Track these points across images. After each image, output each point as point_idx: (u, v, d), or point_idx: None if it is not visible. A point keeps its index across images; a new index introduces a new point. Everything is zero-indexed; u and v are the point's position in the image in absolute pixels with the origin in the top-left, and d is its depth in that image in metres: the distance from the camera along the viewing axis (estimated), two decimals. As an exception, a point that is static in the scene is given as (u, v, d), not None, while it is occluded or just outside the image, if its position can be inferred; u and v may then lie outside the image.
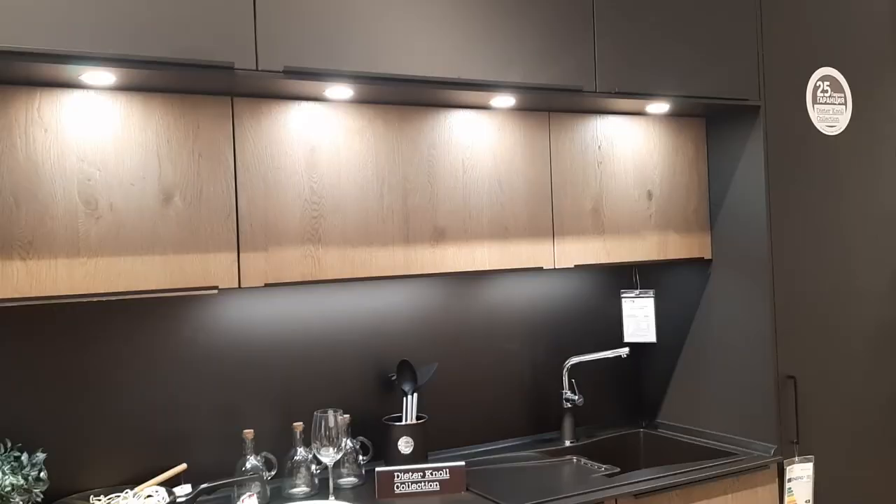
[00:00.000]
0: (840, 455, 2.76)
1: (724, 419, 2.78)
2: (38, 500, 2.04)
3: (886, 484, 2.87)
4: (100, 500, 2.14)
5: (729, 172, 2.76)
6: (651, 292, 2.95)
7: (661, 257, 2.74)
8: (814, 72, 2.78)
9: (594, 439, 2.88)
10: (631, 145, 2.69)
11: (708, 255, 2.83)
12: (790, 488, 2.61)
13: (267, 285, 2.10)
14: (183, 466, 2.28)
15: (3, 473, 1.97)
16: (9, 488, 1.96)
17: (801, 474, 2.62)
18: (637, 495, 2.31)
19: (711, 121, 2.84)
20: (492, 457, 2.68)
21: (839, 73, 2.83)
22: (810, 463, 2.64)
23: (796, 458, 2.62)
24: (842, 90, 2.84)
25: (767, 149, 2.64)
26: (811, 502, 2.64)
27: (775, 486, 2.59)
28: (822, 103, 2.79)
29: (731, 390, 2.76)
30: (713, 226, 2.83)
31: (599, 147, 2.63)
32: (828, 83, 2.81)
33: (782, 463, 2.59)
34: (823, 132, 2.79)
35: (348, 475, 2.44)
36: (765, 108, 2.66)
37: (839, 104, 2.83)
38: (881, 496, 2.85)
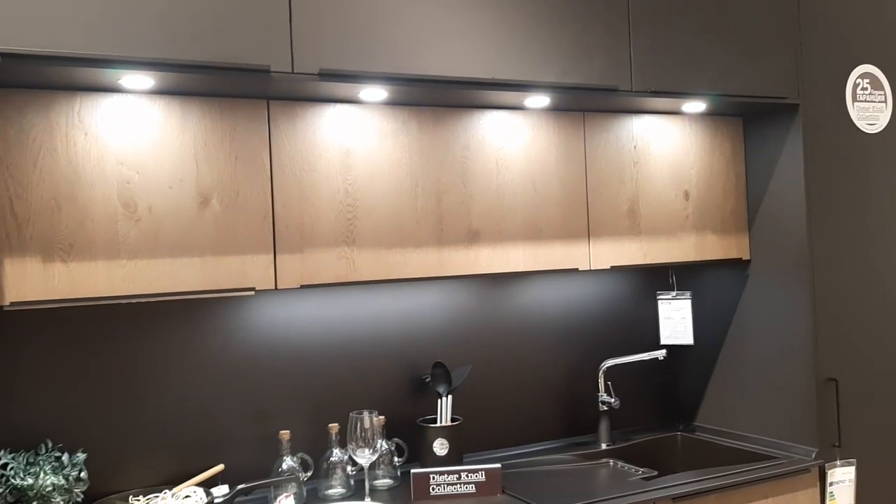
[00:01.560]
0: (883, 459, 2.70)
1: (763, 422, 2.73)
2: (79, 500, 2.06)
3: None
4: (139, 500, 2.17)
5: (767, 172, 2.72)
6: (688, 294, 2.92)
7: (699, 258, 2.70)
8: (853, 69, 2.73)
9: (630, 442, 2.85)
10: (667, 145, 2.67)
11: (746, 256, 2.79)
12: (832, 493, 2.56)
13: (303, 286, 2.11)
14: (220, 467, 2.29)
15: (45, 473, 2.00)
16: (50, 488, 1.99)
17: (842, 478, 2.57)
18: (675, 499, 2.28)
19: (749, 120, 2.80)
20: (527, 459, 2.66)
21: (879, 71, 2.78)
22: (852, 467, 2.59)
23: (838, 462, 2.57)
24: (882, 88, 2.78)
25: (806, 148, 2.60)
26: (854, 507, 2.59)
27: (816, 490, 2.54)
28: (861, 101, 2.74)
29: (770, 393, 2.71)
30: (751, 226, 2.79)
31: (635, 147, 2.60)
32: (868, 80, 2.76)
33: (824, 467, 2.55)
34: (863, 130, 2.74)
35: (384, 476, 2.44)
36: (803, 106, 2.62)
37: (879, 102, 2.78)
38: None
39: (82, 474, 2.07)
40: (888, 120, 2.79)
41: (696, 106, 2.58)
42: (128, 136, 1.94)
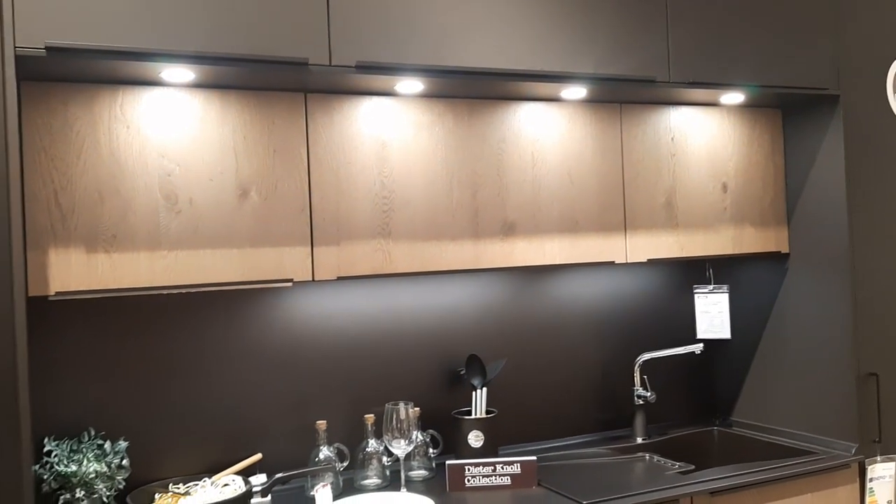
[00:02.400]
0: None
1: (801, 417, 2.70)
2: (121, 487, 2.10)
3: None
4: (178, 488, 2.20)
5: (807, 164, 2.69)
6: (725, 287, 2.89)
7: (737, 251, 2.68)
8: (894, 60, 2.68)
9: (666, 437, 2.83)
10: (705, 137, 2.64)
11: (785, 249, 2.75)
12: (871, 488, 2.52)
13: (339, 278, 2.13)
14: (258, 456, 2.32)
15: (88, 461, 2.04)
16: (93, 475, 2.03)
17: (882, 474, 2.53)
18: (713, 493, 2.27)
19: (788, 111, 2.76)
20: (562, 453, 2.66)
21: (922, 60, 2.72)
22: (893, 463, 2.54)
23: (878, 458, 2.53)
24: (926, 78, 2.73)
25: (847, 139, 2.56)
26: (894, 503, 2.55)
27: (856, 486, 2.51)
28: (905, 91, 2.69)
29: (809, 388, 2.68)
30: (790, 219, 2.76)
31: (672, 139, 2.58)
32: (911, 70, 2.70)
33: (863, 462, 2.51)
34: (907, 121, 2.69)
35: (419, 468, 2.45)
36: (843, 97, 2.57)
37: (923, 92, 2.72)
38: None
39: (124, 462, 2.11)
40: (932, 111, 2.73)
41: (734, 97, 2.56)
42: (169, 129, 1.96)
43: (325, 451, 2.34)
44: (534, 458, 2.35)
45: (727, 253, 2.66)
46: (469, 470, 2.33)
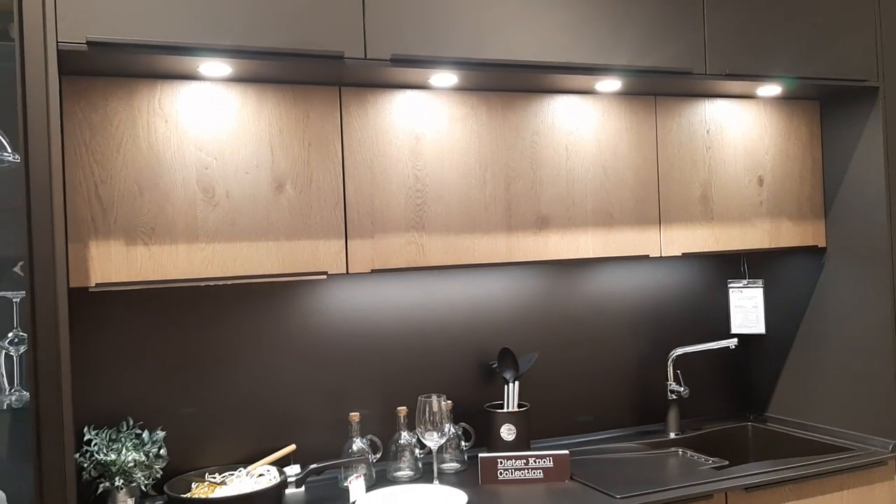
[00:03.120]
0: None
1: (838, 414, 2.67)
2: (158, 476, 2.13)
3: None
4: (214, 477, 2.23)
5: (845, 157, 2.65)
6: (760, 282, 2.86)
7: (773, 245, 2.65)
8: (939, 50, 2.63)
9: (700, 432, 2.81)
10: (741, 130, 2.61)
11: (822, 243, 2.72)
12: (912, 487, 2.48)
13: (373, 271, 2.14)
14: (292, 447, 2.34)
15: (127, 450, 2.07)
16: (131, 464, 2.06)
17: (923, 473, 2.49)
18: (748, 489, 2.25)
19: (826, 104, 2.72)
20: (594, 447, 2.65)
21: (967, 51, 2.67)
22: (934, 461, 2.51)
23: (918, 456, 2.49)
24: (970, 68, 2.67)
25: (886, 132, 2.52)
26: (935, 503, 2.51)
27: (893, 483, 2.47)
28: (947, 83, 2.63)
29: (846, 384, 2.64)
30: (827, 213, 2.72)
31: (708, 131, 2.56)
32: (954, 61, 2.65)
33: (903, 460, 2.48)
34: (949, 113, 2.63)
35: (451, 461, 2.46)
36: (884, 88, 2.53)
37: (967, 83, 2.67)
38: None
39: (161, 451, 2.14)
40: (975, 102, 2.67)
41: (771, 89, 2.52)
42: (206, 123, 1.98)
43: (358, 443, 2.36)
44: (566, 452, 2.35)
45: (763, 247, 2.63)
46: (501, 463, 2.33)
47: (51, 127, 1.62)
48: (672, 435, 2.78)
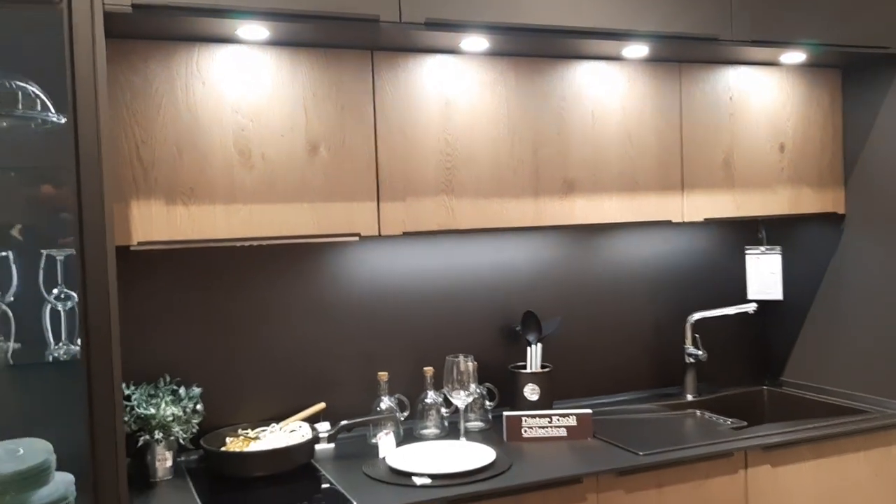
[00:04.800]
0: (980, 417, 2.66)
1: (855, 378, 2.72)
2: (195, 430, 2.19)
3: None
4: (247, 432, 2.29)
5: (867, 125, 2.67)
6: (777, 249, 2.90)
7: (793, 212, 2.68)
8: (962, 18, 2.64)
9: (717, 395, 2.87)
10: (763, 97, 2.64)
11: (841, 210, 2.75)
12: (926, 448, 2.54)
13: (405, 234, 2.18)
14: (322, 405, 2.40)
15: (166, 404, 2.13)
16: (170, 418, 2.12)
17: (938, 434, 2.55)
18: (767, 448, 2.31)
19: (848, 71, 2.74)
20: (614, 408, 2.71)
21: None
22: (948, 423, 2.56)
23: (933, 418, 2.55)
24: None
25: (910, 99, 2.55)
26: (948, 464, 2.57)
27: (910, 445, 2.53)
28: (969, 51, 2.65)
29: (863, 348, 2.69)
30: (847, 180, 2.75)
31: (731, 98, 2.58)
32: (976, 30, 2.66)
33: (918, 422, 2.53)
34: (971, 81, 2.65)
35: (475, 419, 2.52)
36: (907, 56, 2.55)
37: None
38: None
39: (198, 407, 2.20)
40: None
41: (795, 56, 2.54)
42: (242, 86, 2.02)
43: (386, 402, 2.42)
44: (589, 410, 2.41)
45: (784, 213, 2.67)
46: (526, 421, 2.39)
47: (99, 89, 1.65)
48: (689, 397, 2.83)
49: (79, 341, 1.85)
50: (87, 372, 1.68)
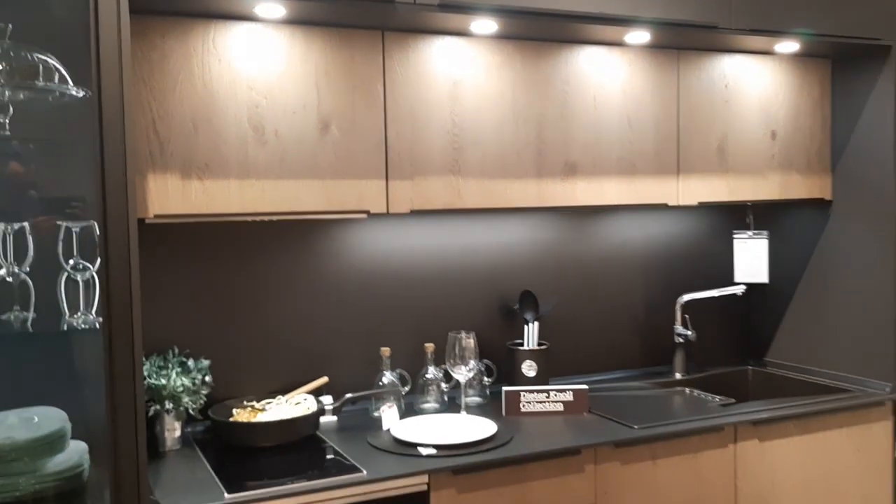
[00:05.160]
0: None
1: (838, 359, 2.82)
2: (202, 402, 2.24)
3: None
4: (253, 404, 2.34)
5: (855, 114, 2.76)
6: (764, 233, 2.99)
7: (783, 197, 2.77)
8: (947, 12, 2.73)
9: (704, 373, 2.96)
10: (756, 85, 2.71)
11: (828, 197, 2.85)
12: (904, 426, 2.65)
13: (413, 212, 2.23)
14: (325, 379, 2.45)
15: (177, 375, 2.17)
16: (180, 388, 2.17)
17: (916, 413, 2.66)
18: (756, 423, 2.40)
19: (837, 62, 2.83)
20: (606, 385, 2.79)
21: (973, 14, 2.77)
22: (926, 402, 2.68)
23: (912, 397, 2.66)
24: (975, 31, 2.78)
25: (898, 89, 2.64)
26: (925, 441, 2.69)
27: (890, 423, 2.64)
28: (954, 44, 2.74)
29: (846, 330, 2.80)
30: (835, 167, 2.84)
31: (726, 86, 2.66)
32: (961, 24, 2.75)
33: (898, 401, 2.64)
34: (955, 74, 2.75)
35: (474, 395, 2.59)
36: (896, 48, 2.64)
37: (971, 46, 2.78)
38: None
39: (207, 378, 2.24)
40: (980, 64, 2.79)
41: (789, 46, 2.62)
42: (256, 63, 2.05)
43: (388, 376, 2.48)
44: (585, 386, 2.49)
45: (774, 198, 2.76)
46: (524, 396, 2.46)
47: (123, 63, 1.67)
48: (678, 376, 2.93)
49: (94, 312, 1.89)
50: (109, 341, 1.71)
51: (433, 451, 2.09)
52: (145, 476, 1.74)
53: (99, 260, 1.84)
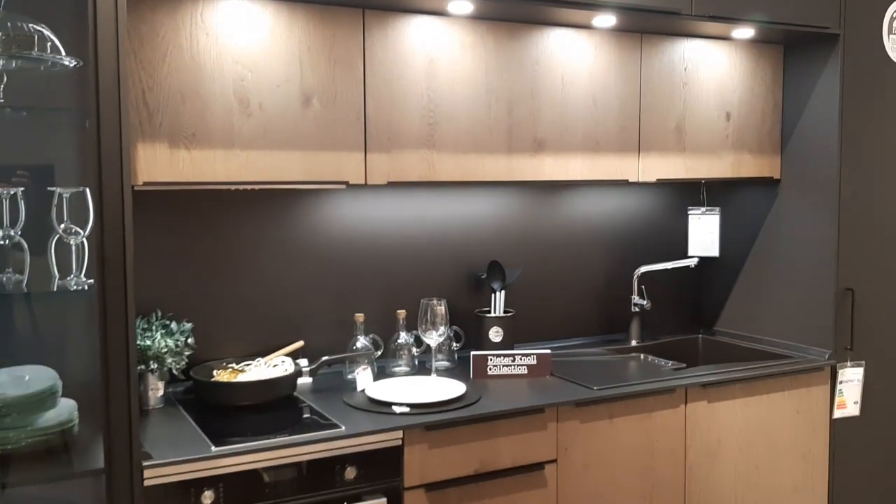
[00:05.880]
0: (890, 363, 3.00)
1: (781, 327, 3.02)
2: (185, 363, 2.33)
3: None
4: (233, 365, 2.44)
5: (804, 98, 2.93)
6: (717, 210, 3.16)
7: (735, 175, 2.94)
8: (892, 3, 2.90)
9: (658, 341, 3.14)
10: (713, 69, 2.86)
11: (777, 175, 3.02)
12: (841, 390, 2.86)
13: (389, 183, 2.34)
14: (301, 343, 2.56)
15: (161, 336, 2.26)
16: (164, 350, 2.26)
17: (851, 377, 2.87)
18: (704, 385, 2.58)
19: (789, 48, 2.99)
20: (566, 351, 2.95)
21: (915, 6, 2.96)
22: (861, 368, 2.89)
23: (848, 363, 2.87)
24: (916, 22, 2.97)
25: (844, 76, 2.80)
26: (859, 403, 2.90)
27: (828, 387, 2.84)
28: (896, 34, 2.94)
29: (790, 301, 2.99)
30: (784, 148, 3.02)
31: (685, 69, 2.80)
32: (903, 15, 2.94)
33: (835, 367, 2.84)
34: (896, 62, 2.94)
35: (442, 359, 2.73)
36: (843, 36, 2.80)
37: (913, 36, 2.97)
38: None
39: (189, 340, 2.34)
40: (919, 53, 2.99)
41: (744, 32, 2.77)
42: (242, 38, 2.13)
43: (361, 341, 2.60)
44: (548, 351, 2.64)
45: (727, 176, 2.93)
46: (491, 360, 2.61)
47: (120, 36, 1.75)
48: (634, 343, 3.10)
49: (83, 275, 1.97)
50: (103, 302, 1.80)
51: (406, 410, 2.23)
52: (137, 429, 1.85)
53: (90, 224, 1.93)
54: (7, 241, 1.95)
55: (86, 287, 1.97)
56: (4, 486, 1.79)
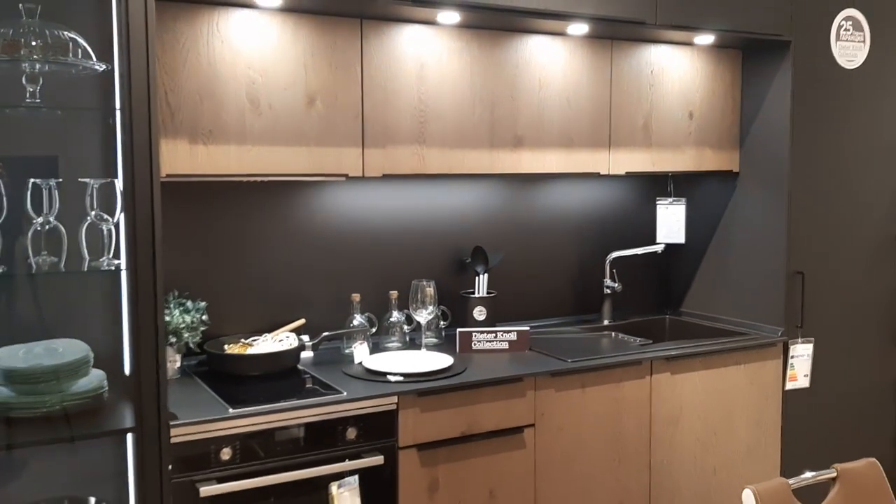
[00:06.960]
0: (837, 340, 3.30)
1: (739, 308, 3.31)
2: (199, 337, 2.58)
3: (875, 366, 3.42)
4: (242, 340, 2.69)
5: (759, 98, 3.22)
6: (683, 200, 3.45)
7: (697, 168, 3.22)
8: (839, 12, 3.20)
9: (628, 321, 3.42)
10: (677, 71, 3.14)
11: (736, 169, 3.31)
12: (792, 364, 3.15)
13: (384, 176, 2.60)
14: (302, 321, 2.81)
15: (179, 313, 2.51)
16: (182, 325, 2.50)
17: (802, 353, 3.17)
18: (668, 359, 2.86)
19: (747, 52, 3.27)
20: (544, 329, 3.22)
21: (861, 15, 3.25)
22: (811, 344, 3.18)
23: (799, 340, 3.16)
24: (862, 29, 3.26)
25: (795, 78, 3.09)
26: (809, 376, 3.20)
27: (780, 361, 3.14)
28: (844, 41, 3.22)
29: (747, 284, 3.28)
30: (742, 144, 3.30)
31: (652, 72, 3.08)
32: (850, 23, 3.23)
33: (787, 342, 3.14)
34: (843, 66, 3.23)
35: (431, 336, 2.99)
36: (794, 43, 3.09)
37: (859, 42, 3.26)
38: (870, 375, 3.41)
39: (204, 317, 2.58)
40: (864, 58, 3.28)
41: (705, 39, 3.05)
42: (254, 45, 2.38)
43: (358, 319, 2.85)
44: (528, 328, 2.91)
45: (690, 170, 3.21)
46: (475, 336, 2.87)
47: (150, 42, 1.98)
48: (606, 322, 3.38)
49: (112, 257, 2.20)
50: (135, 282, 2.04)
51: (400, 378, 2.49)
52: (165, 392, 2.09)
53: (119, 212, 2.17)
54: (46, 227, 2.18)
55: (114, 268, 2.21)
56: (73, 438, 2.03)
